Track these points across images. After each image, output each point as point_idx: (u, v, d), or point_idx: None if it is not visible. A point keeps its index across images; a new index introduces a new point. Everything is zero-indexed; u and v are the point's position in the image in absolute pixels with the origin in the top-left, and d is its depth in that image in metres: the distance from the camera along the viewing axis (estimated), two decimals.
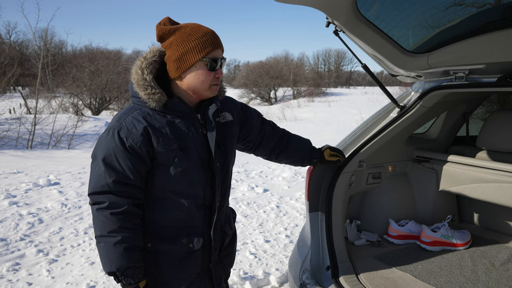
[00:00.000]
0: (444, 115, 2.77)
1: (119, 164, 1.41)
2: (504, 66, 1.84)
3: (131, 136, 1.40)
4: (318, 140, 8.85)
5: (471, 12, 1.81)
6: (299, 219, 4.58)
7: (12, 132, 11.76)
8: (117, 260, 1.40)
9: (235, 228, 1.82)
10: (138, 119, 1.43)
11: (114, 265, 1.40)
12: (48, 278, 3.15)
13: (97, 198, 1.42)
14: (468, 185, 2.38)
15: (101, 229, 1.40)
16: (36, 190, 5.53)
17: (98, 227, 1.41)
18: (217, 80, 1.49)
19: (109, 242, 1.39)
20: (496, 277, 2.08)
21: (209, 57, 1.44)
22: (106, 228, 1.39)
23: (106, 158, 1.41)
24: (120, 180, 1.41)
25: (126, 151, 1.40)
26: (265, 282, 3.10)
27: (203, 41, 1.42)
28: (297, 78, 42.66)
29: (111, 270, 1.41)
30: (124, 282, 1.44)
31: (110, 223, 1.39)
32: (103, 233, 1.40)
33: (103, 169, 1.41)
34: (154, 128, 1.43)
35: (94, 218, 1.43)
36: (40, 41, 18.90)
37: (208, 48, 1.43)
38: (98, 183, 1.41)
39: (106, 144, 1.42)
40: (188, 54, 1.42)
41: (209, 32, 1.45)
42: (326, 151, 2.03)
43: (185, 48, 1.42)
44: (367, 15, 1.85)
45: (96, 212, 1.41)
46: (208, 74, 1.46)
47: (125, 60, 26.34)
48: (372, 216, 2.65)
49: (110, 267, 1.41)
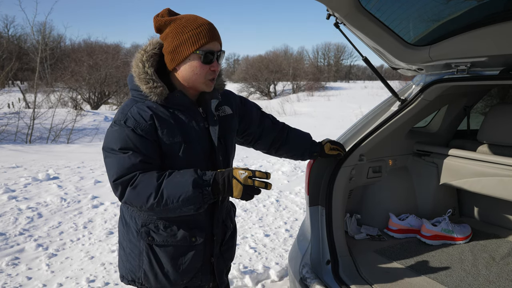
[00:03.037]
0: (445, 108, 2.75)
1: (137, 147, 1.35)
2: (506, 58, 1.82)
3: (139, 125, 1.37)
4: (317, 134, 8.83)
5: (473, 4, 1.79)
6: (299, 213, 4.58)
7: (11, 127, 11.72)
8: (184, 175, 1.32)
9: (235, 222, 1.82)
10: (144, 109, 1.40)
11: (190, 178, 1.31)
12: (48, 272, 3.15)
13: (124, 183, 1.33)
14: (469, 179, 2.37)
15: (150, 185, 1.31)
16: (35, 185, 5.52)
17: (146, 188, 1.31)
18: (213, 73, 1.45)
19: (166, 182, 1.31)
20: (497, 271, 2.07)
21: (203, 50, 1.40)
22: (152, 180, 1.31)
23: (123, 146, 1.35)
24: (144, 160, 1.35)
25: (139, 136, 1.36)
26: (265, 276, 3.10)
27: (197, 33, 1.39)
28: (297, 72, 42.54)
29: (192, 182, 1.30)
30: (208, 178, 1.33)
31: (150, 176, 1.32)
32: (154, 184, 1.31)
33: (123, 155, 1.34)
34: (160, 118, 1.40)
35: (131, 199, 1.33)
36: (38, 35, 18.80)
37: (202, 40, 1.39)
38: (123, 167, 1.33)
39: (118, 135, 1.37)
40: (182, 46, 1.40)
41: (204, 23, 1.41)
42: (327, 145, 2.02)
43: (179, 40, 1.39)
44: (368, 7, 1.83)
45: (129, 193, 1.32)
46: (202, 67, 1.42)
47: (124, 54, 26.24)
48: (373, 210, 2.65)
49: (187, 183, 1.30)
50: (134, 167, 1.34)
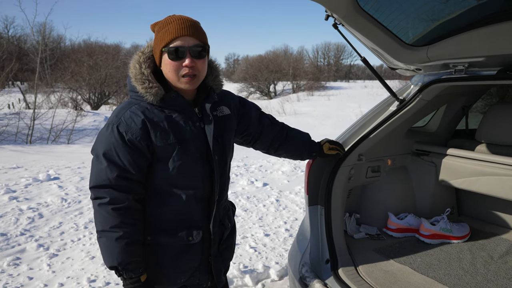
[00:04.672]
0: (443, 108, 2.76)
1: (119, 159, 1.41)
2: (504, 59, 1.83)
3: (130, 130, 1.41)
4: (317, 134, 8.84)
5: (471, 4, 1.80)
6: (299, 213, 4.59)
7: (11, 127, 11.74)
8: (119, 255, 1.40)
9: (234, 221, 1.83)
10: (137, 114, 1.42)
11: (115, 260, 1.41)
12: (49, 272, 3.16)
13: (98, 193, 1.42)
14: (467, 178, 2.38)
15: (102, 224, 1.41)
16: (36, 185, 5.54)
17: (99, 222, 1.42)
18: (187, 69, 1.41)
19: (110, 237, 1.40)
20: (495, 270, 2.09)
21: (169, 46, 1.40)
22: (107, 223, 1.40)
23: (107, 153, 1.41)
24: (121, 174, 1.41)
25: (126, 145, 1.41)
26: (265, 275, 3.11)
27: (164, 31, 1.41)
28: (297, 72, 42.52)
29: (113, 265, 1.42)
30: (125, 276, 1.44)
31: (111, 218, 1.39)
32: (105, 228, 1.40)
33: (104, 163, 1.41)
34: (152, 122, 1.43)
35: (96, 212, 1.43)
36: (38, 35, 18.84)
37: (168, 37, 1.39)
38: (99, 178, 1.42)
39: (106, 139, 1.42)
40: (155, 47, 1.45)
41: (175, 20, 1.41)
42: (325, 145, 2.03)
43: (155, 40, 1.45)
44: (366, 8, 1.84)
45: (98, 207, 1.41)
46: (171, 64, 1.41)
47: (124, 55, 26.25)
48: (372, 209, 2.66)
49: (112, 262, 1.41)
50: (109, 181, 1.41)
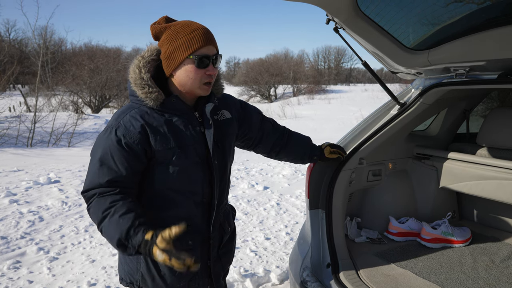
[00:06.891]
0: (444, 112, 2.76)
1: (114, 162, 1.41)
2: (505, 63, 1.83)
3: (128, 134, 1.41)
4: (318, 137, 8.84)
5: (471, 8, 1.80)
6: (300, 216, 4.58)
7: (12, 130, 11.74)
8: (117, 229, 1.34)
9: (234, 225, 1.82)
10: (136, 118, 1.43)
11: (116, 235, 1.33)
12: (49, 276, 3.15)
13: (89, 194, 1.42)
14: (468, 182, 2.38)
15: (97, 215, 1.38)
16: (36, 188, 5.53)
17: (95, 215, 1.39)
18: (209, 77, 1.46)
19: (106, 221, 1.36)
20: (496, 274, 2.08)
21: (197, 54, 1.41)
22: (100, 210, 1.37)
23: (102, 156, 1.41)
24: (113, 179, 1.41)
25: (122, 148, 1.41)
26: (266, 279, 3.10)
27: (190, 38, 1.41)
28: (297, 75, 42.55)
29: (116, 241, 1.34)
30: (134, 244, 1.33)
31: (102, 204, 1.38)
32: (99, 216, 1.37)
33: (98, 167, 1.41)
34: (151, 127, 1.43)
35: (91, 214, 1.42)
36: (40, 39, 18.84)
37: (196, 45, 1.41)
38: (92, 181, 1.42)
39: (103, 143, 1.43)
40: (176, 52, 1.42)
41: (198, 28, 1.43)
42: (327, 149, 2.03)
43: (174, 45, 1.42)
44: (367, 12, 1.84)
45: (90, 206, 1.41)
46: (196, 71, 1.43)
47: (124, 58, 26.33)
48: (372, 213, 2.65)
49: (114, 239, 1.34)
50: (100, 185, 1.41)
